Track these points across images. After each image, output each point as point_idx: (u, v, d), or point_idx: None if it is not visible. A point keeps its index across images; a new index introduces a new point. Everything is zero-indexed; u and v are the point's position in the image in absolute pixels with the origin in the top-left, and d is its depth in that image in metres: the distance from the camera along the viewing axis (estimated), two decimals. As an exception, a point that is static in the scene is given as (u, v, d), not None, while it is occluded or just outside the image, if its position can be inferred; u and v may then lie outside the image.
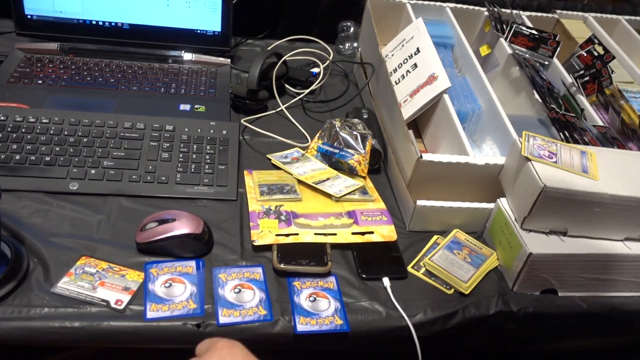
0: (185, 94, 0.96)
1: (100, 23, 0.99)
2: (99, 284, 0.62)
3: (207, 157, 0.81)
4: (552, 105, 0.86)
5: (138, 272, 0.64)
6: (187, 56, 1.04)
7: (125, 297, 0.61)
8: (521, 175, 0.70)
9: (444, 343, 0.69)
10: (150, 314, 0.60)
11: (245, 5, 1.13)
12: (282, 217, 0.73)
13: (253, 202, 0.76)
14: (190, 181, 0.77)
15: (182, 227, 0.67)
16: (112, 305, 0.60)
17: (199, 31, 1.03)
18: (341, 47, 1.20)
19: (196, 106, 0.93)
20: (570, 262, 0.68)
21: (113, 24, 1.00)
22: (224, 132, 0.85)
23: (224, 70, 1.04)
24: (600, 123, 0.87)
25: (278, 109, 0.97)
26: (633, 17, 1.18)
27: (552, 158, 0.70)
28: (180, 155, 0.80)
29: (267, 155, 0.87)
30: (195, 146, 0.82)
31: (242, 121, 0.91)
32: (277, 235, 0.70)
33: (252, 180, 0.80)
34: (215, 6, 1.01)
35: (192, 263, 0.67)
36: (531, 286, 0.71)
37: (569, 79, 0.94)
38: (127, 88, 0.94)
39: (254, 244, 0.69)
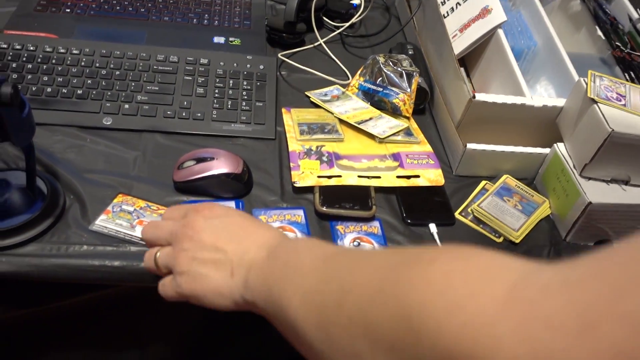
0: (219, 25, 0.90)
1: (129, -53, 0.93)
2: (137, 223, 0.60)
3: (244, 93, 0.77)
4: (616, 43, 0.79)
5: (176, 211, 0.62)
6: (220, -15, 0.98)
7: (165, 237, 0.59)
8: (584, 118, 0.65)
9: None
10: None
11: None
12: (324, 158, 0.69)
13: (293, 141, 0.72)
14: (227, 118, 0.74)
15: (220, 166, 0.64)
16: (152, 244, 0.59)
17: (232, -43, 0.96)
18: (381, -24, 1.12)
19: (231, 39, 0.88)
20: (631, 212, 0.64)
21: (142, -52, 0.94)
22: (261, 67, 0.80)
23: (259, 1, 0.98)
24: (669, 64, 0.80)
25: (316, 44, 0.91)
26: None
27: (620, 101, 0.64)
28: (216, 91, 0.76)
29: (306, 93, 0.82)
30: (231, 81, 0.78)
31: (279, 55, 0.86)
32: (318, 176, 0.67)
33: (291, 118, 0.76)
34: None
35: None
36: (586, 236, 0.67)
37: (636, 14, 0.86)
38: (159, 18, 0.89)
39: (295, 185, 0.67)
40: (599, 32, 0.82)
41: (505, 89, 0.76)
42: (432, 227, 0.66)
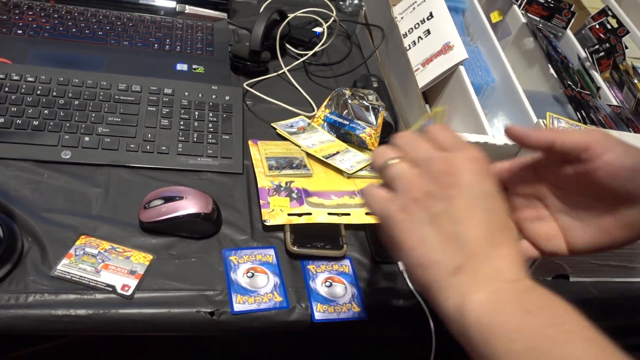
0: (182, 51, 0.88)
1: (85, -34, 0.90)
2: (102, 267, 0.58)
3: (210, 125, 0.75)
4: (568, 82, 0.83)
5: (144, 253, 0.60)
6: (180, 7, 0.96)
7: (132, 282, 0.57)
8: (544, 159, 0.68)
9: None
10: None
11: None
12: (294, 195, 0.69)
13: (262, 176, 0.71)
14: (193, 152, 0.72)
15: (189, 206, 0.62)
16: (119, 290, 0.56)
17: (193, -19, 0.95)
18: (341, 3, 1.13)
19: (194, 66, 0.86)
20: (587, 249, 0.68)
21: (99, -32, 0.90)
22: (227, 97, 0.79)
23: (221, 26, 0.96)
24: (614, 101, 0.85)
25: (280, 72, 0.91)
26: (644, -13, 1.14)
27: (576, 143, 0.67)
28: (181, 123, 0.74)
29: (272, 124, 0.82)
30: (197, 113, 0.76)
31: (244, 85, 0.85)
32: (289, 214, 0.67)
33: (259, 151, 0.76)
34: (213, -46, 0.93)
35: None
36: (545, 272, 0.70)
37: (583, 53, 0.91)
38: (118, 43, 0.86)
39: (266, 224, 0.66)
40: (552, 70, 0.86)
41: (467, 125, 0.78)
42: (402, 265, 0.67)
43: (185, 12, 0.96)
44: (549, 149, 0.40)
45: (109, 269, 0.58)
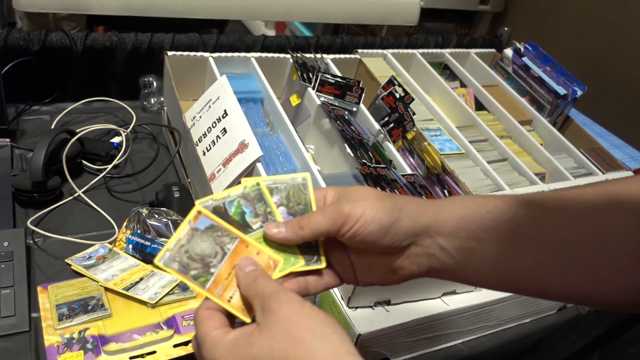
0: (-49, 196, 0.79)
1: None
2: None
3: (-15, 282, 0.67)
4: (363, 160, 0.87)
5: None
6: (-49, 142, 0.86)
7: None
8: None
9: None
10: None
11: (23, 69, 0.98)
12: (89, 346, 0.63)
13: (50, 331, 0.64)
14: (-36, 319, 0.63)
15: (-48, 397, 0.53)
16: None
17: (-39, 112, 0.86)
18: (146, 103, 1.10)
19: (-34, 212, 0.77)
20: (397, 331, 0.69)
21: None
22: (5, 243, 0.71)
23: (3, 154, 0.88)
24: (408, 170, 0.91)
25: (75, 195, 0.85)
26: (426, 50, 1.26)
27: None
28: (-53, 288, 0.65)
29: (66, 260, 0.75)
30: (-34, 271, 0.67)
31: (28, 224, 0.77)
32: (83, 371, 0.60)
33: (48, 299, 0.68)
34: (-21, 82, 0.85)
35: None
36: (366, 360, 0.70)
37: (376, 126, 0.97)
38: None
39: (55, 390, 0.59)
40: (348, 150, 0.89)
41: (273, 222, 0.78)
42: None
43: (-42, 145, 0.87)
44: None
45: None
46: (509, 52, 1.27)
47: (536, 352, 0.89)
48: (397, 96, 1.00)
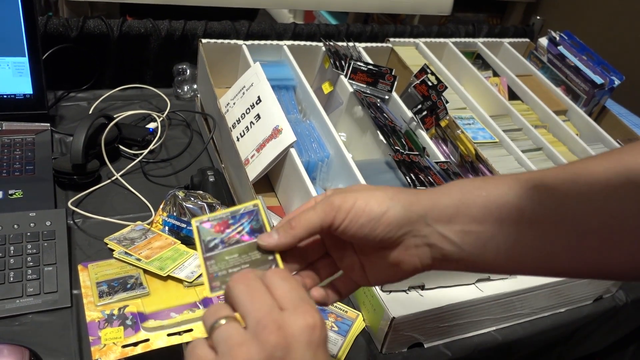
0: (-4, 176, 0.81)
1: None
2: None
3: (29, 259, 0.69)
4: (396, 147, 0.87)
5: None
6: (-5, 126, 0.89)
7: None
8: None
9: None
10: None
11: (62, 55, 1.01)
12: (128, 322, 0.64)
13: (91, 307, 0.66)
14: (10, 294, 0.65)
15: (0, 367, 0.55)
16: None
17: (5, 96, 0.89)
18: (179, 91, 1.12)
19: (10, 192, 0.79)
20: (431, 316, 0.69)
21: None
22: (48, 223, 0.73)
23: (44, 138, 0.91)
24: (442, 157, 0.90)
25: (113, 178, 0.87)
26: (459, 39, 1.25)
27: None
28: (-6, 264, 0.67)
29: (105, 240, 0.77)
30: (12, 248, 0.69)
31: (69, 205, 0.79)
32: (123, 346, 0.62)
33: (89, 277, 0.70)
34: (22, 67, 0.88)
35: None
36: (399, 345, 0.70)
37: (409, 113, 0.96)
38: None
39: (97, 364, 0.60)
40: (381, 137, 0.89)
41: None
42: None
43: (3, 129, 0.90)
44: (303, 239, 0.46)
45: None
46: (544, 41, 1.25)
47: (570, 343, 0.88)
48: (430, 84, 0.99)
